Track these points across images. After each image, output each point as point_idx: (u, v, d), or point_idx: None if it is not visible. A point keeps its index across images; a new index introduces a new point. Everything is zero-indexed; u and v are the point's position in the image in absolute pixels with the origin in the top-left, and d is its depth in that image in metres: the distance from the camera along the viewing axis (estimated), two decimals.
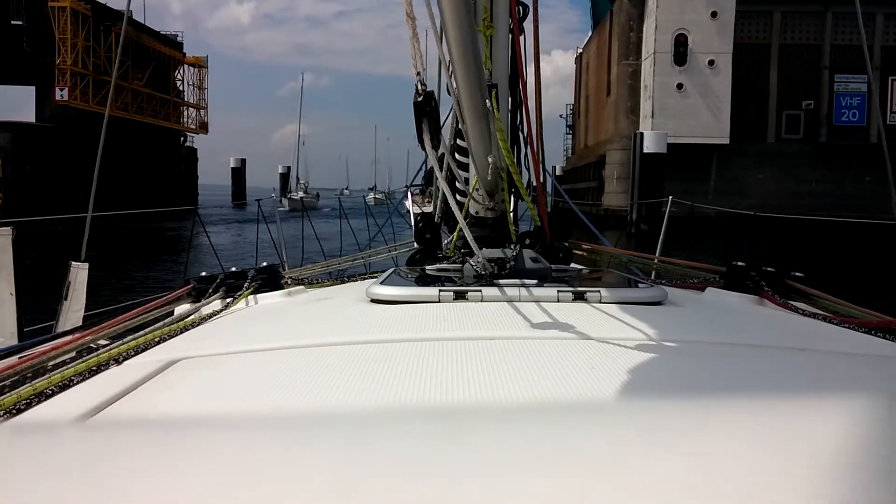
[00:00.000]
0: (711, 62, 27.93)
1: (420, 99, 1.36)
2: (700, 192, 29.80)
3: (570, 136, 47.96)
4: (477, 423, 0.65)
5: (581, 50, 44.68)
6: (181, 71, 45.19)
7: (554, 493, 0.46)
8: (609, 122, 33.14)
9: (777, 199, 29.32)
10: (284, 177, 65.89)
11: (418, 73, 1.31)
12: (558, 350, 1.00)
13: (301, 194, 48.28)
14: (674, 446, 0.55)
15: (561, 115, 49.55)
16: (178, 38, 44.68)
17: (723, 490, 0.46)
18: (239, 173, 55.54)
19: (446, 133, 2.20)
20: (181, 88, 45.03)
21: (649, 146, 23.77)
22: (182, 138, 45.05)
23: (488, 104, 1.55)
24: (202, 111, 47.49)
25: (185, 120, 45.96)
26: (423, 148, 1.40)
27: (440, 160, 1.79)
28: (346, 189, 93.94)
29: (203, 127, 48.00)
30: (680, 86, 28.13)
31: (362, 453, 0.53)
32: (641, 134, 24.15)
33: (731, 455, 0.52)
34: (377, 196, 57.69)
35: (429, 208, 3.77)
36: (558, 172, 50.23)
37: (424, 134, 1.38)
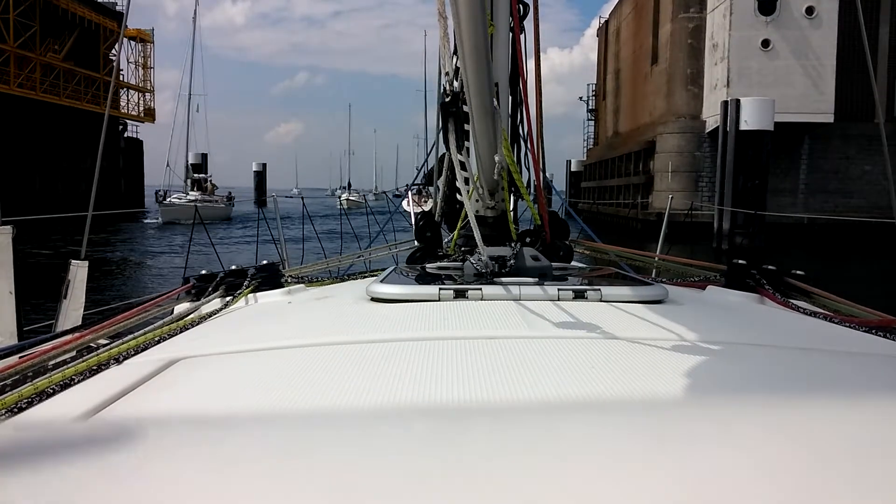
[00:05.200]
0: (810, 10, 20.17)
1: (448, 99, 1.39)
2: (786, 190, 22.22)
3: (591, 123, 40.06)
4: (477, 422, 0.65)
5: (605, 18, 36.86)
6: (120, 46, 37.12)
7: (555, 492, 0.46)
8: (657, 98, 25.30)
9: (889, 199, 21.84)
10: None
11: (447, 74, 1.32)
12: (558, 349, 1.00)
13: (196, 195, 34.86)
14: (675, 445, 0.55)
15: (581, 98, 41.66)
16: (117, 7, 36.59)
17: (724, 488, 0.47)
18: (199, 170, 47.47)
19: None
20: (119, 66, 36.95)
21: (750, 120, 15.91)
22: (120, 126, 37.04)
23: (495, 103, 1.53)
24: (147, 95, 39.44)
25: (127, 106, 37.94)
26: (448, 148, 1.46)
27: (444, 160, 1.82)
28: (339, 189, 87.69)
29: (150, 114, 39.96)
30: (766, 43, 20.36)
31: (363, 452, 0.54)
32: (737, 102, 16.27)
33: (732, 454, 0.53)
34: (351, 198, 49.45)
35: (425, 208, 3.63)
36: (574, 168, 42.48)
37: (450, 134, 1.41)
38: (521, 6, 2.00)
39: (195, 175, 38.98)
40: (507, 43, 1.87)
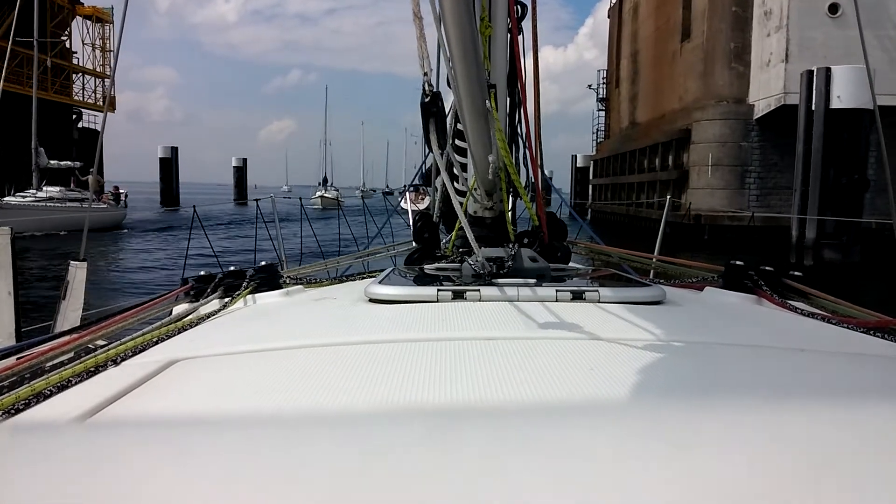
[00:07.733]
0: None
1: (427, 100, 1.36)
2: None
3: (602, 114, 36.28)
4: (475, 423, 0.66)
5: None
6: (77, 26, 33.08)
7: (552, 494, 0.47)
8: (689, 79, 21.58)
9: None
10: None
11: (425, 74, 1.31)
12: (556, 350, 1.00)
13: (53, 191, 24.18)
14: (673, 446, 0.56)
15: (590, 86, 37.86)
16: None
17: (721, 490, 0.48)
18: (169, 165, 43.48)
19: None
20: (70, 48, 32.89)
21: (843, 95, 12.17)
22: (74, 115, 32.99)
23: (488, 104, 1.53)
24: (107, 81, 35.37)
25: (83, 93, 33.91)
26: (430, 148, 1.42)
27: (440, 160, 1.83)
28: (331, 186, 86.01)
29: (110, 103, 35.84)
30: (834, 8, 16.69)
31: (360, 453, 0.55)
32: (826, 72, 12.51)
33: (730, 455, 0.54)
34: (327, 195, 45.35)
35: (423, 206, 3.62)
36: (580, 163, 38.72)
37: (431, 134, 1.39)
38: (518, 7, 2.02)
39: (50, 162, 25.62)
40: (506, 44, 1.85)
